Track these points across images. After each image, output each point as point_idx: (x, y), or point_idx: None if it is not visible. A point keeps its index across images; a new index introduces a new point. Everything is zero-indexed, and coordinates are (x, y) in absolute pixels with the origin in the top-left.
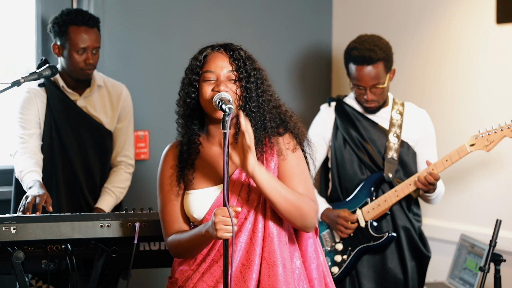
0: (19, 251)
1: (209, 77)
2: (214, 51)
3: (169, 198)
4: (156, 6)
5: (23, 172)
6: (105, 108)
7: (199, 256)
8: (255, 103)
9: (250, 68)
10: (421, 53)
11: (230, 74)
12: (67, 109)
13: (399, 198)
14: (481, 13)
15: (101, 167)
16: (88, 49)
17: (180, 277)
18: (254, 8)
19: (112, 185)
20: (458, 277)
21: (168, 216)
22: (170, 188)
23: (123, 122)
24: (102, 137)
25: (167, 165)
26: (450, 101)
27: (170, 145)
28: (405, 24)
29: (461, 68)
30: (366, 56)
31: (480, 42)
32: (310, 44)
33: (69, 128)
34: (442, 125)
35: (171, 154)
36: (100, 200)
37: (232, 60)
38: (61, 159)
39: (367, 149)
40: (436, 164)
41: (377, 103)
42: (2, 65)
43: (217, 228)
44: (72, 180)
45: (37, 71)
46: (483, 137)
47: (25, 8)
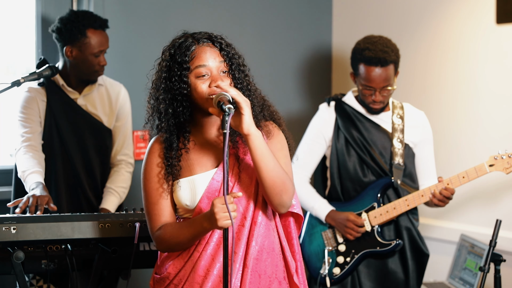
0: (19, 251)
1: (201, 73)
2: (202, 45)
3: (157, 192)
4: (156, 6)
5: (26, 172)
6: (104, 106)
7: (191, 248)
8: (247, 91)
9: (236, 57)
10: (421, 53)
11: (221, 68)
12: (67, 108)
13: (409, 208)
14: (481, 13)
15: (102, 165)
16: (103, 52)
17: (172, 271)
18: (254, 8)
19: (115, 185)
20: (458, 277)
21: (155, 210)
22: (159, 185)
23: (121, 121)
24: (102, 135)
25: (154, 162)
26: (450, 101)
27: (154, 140)
28: (405, 24)
29: (461, 68)
30: (381, 57)
31: (480, 42)
32: (310, 44)
33: (69, 126)
34: (442, 125)
35: (157, 150)
36: (105, 200)
37: (222, 53)
38: (61, 157)
39: (369, 150)
40: (452, 179)
41: (382, 104)
42: (2, 65)
43: (218, 218)
44: (73, 178)
45: (37, 71)
46: (503, 159)
47: (25, 8)
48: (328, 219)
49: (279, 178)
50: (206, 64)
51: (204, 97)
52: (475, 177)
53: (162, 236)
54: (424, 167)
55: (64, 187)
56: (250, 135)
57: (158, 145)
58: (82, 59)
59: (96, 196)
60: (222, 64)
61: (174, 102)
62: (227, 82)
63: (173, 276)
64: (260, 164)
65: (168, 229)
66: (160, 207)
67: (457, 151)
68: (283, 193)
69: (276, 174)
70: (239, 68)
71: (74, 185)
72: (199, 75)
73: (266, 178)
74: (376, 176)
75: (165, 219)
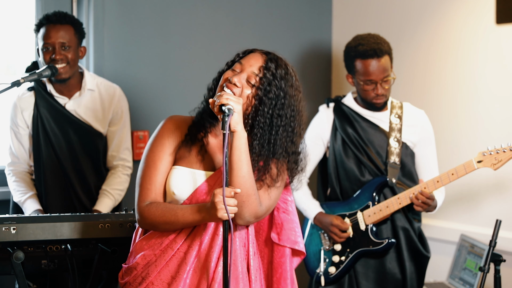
0: (19, 251)
1: (235, 68)
2: (257, 52)
3: (157, 166)
4: (156, 6)
5: (21, 200)
6: (96, 111)
7: (165, 241)
8: (267, 120)
9: (276, 84)
10: (421, 53)
11: (252, 76)
12: (55, 112)
13: (401, 206)
14: (481, 13)
15: (94, 168)
16: (55, 45)
17: (141, 262)
18: (254, 8)
19: (110, 187)
20: (458, 277)
21: (148, 184)
22: (159, 161)
23: (116, 126)
24: (91, 139)
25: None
26: (450, 101)
27: (171, 117)
28: (405, 24)
29: (461, 68)
30: (376, 48)
31: (480, 42)
32: (310, 44)
33: (58, 130)
34: (442, 125)
35: (175, 123)
36: (98, 202)
37: (263, 68)
38: (50, 160)
39: (365, 149)
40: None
41: (385, 98)
42: (2, 65)
43: (218, 208)
44: (64, 182)
45: (37, 72)
46: (491, 155)
47: (25, 8)
48: (316, 221)
49: (246, 188)
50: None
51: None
52: (464, 173)
53: (149, 211)
54: (426, 167)
55: (54, 190)
56: (235, 132)
57: (177, 120)
58: (41, 55)
59: (90, 198)
60: (256, 75)
61: None
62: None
63: (142, 267)
64: (234, 164)
65: (160, 206)
66: (155, 183)
67: (457, 150)
68: (244, 204)
69: (244, 182)
70: (268, 94)
71: (66, 189)
72: (233, 69)
73: (234, 181)
74: (373, 175)
75: (155, 197)
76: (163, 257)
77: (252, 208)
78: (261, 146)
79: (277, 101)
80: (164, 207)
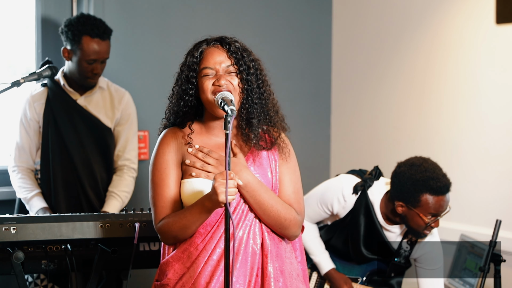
0: (19, 251)
1: (207, 73)
2: (210, 46)
3: (166, 182)
4: (156, 6)
5: (27, 197)
6: (106, 108)
7: (193, 253)
8: (257, 94)
9: (248, 59)
10: (421, 53)
11: (229, 68)
12: (67, 107)
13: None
14: (481, 14)
15: (103, 164)
16: (98, 61)
17: (173, 277)
18: (254, 8)
19: (118, 189)
20: (458, 277)
21: (162, 202)
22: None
23: (123, 125)
24: (102, 134)
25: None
26: (450, 101)
27: (166, 131)
28: (406, 24)
29: (461, 68)
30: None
31: (480, 42)
32: (310, 44)
33: (69, 125)
34: (442, 125)
35: (169, 135)
36: (107, 204)
37: (230, 54)
38: (60, 154)
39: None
40: None
41: None
42: (2, 65)
43: (219, 192)
44: (72, 177)
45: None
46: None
47: (25, 8)
48: (326, 275)
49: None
50: (212, 66)
51: (208, 96)
52: None
53: (165, 224)
54: None
55: (62, 184)
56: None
57: (171, 136)
58: (76, 63)
59: (97, 195)
60: (231, 66)
61: (181, 102)
62: (235, 82)
63: (174, 282)
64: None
65: (171, 216)
66: (167, 199)
67: (457, 150)
68: (282, 227)
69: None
70: (249, 71)
71: (73, 182)
72: (205, 75)
73: (266, 219)
74: None
75: (170, 212)
76: (195, 269)
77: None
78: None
79: (255, 71)
80: (174, 215)
